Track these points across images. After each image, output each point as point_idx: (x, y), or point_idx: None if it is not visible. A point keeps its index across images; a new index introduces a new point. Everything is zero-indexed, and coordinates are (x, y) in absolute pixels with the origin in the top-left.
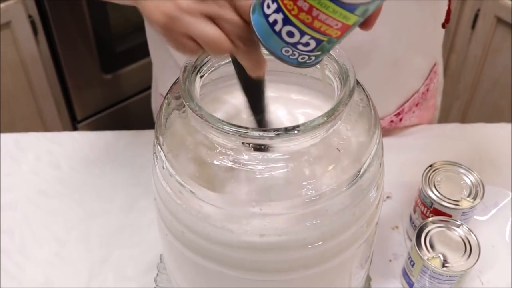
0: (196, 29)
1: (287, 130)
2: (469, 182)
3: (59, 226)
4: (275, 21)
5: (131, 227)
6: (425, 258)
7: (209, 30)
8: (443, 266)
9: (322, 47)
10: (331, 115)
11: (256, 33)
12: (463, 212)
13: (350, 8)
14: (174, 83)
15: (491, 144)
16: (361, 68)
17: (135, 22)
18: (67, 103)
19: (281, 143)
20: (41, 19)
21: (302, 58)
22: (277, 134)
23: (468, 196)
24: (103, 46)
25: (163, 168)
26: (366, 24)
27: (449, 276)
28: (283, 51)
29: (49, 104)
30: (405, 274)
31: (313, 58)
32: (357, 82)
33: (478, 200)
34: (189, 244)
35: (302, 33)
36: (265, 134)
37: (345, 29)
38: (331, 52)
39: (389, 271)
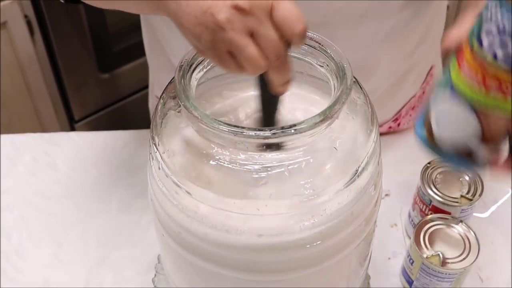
0: (237, 47)
1: (283, 129)
2: (467, 179)
3: (57, 227)
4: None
5: (129, 228)
6: (424, 256)
7: (250, 50)
8: (443, 263)
9: None
10: (327, 114)
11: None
12: (462, 209)
13: None
14: (170, 82)
15: None
16: (363, 83)
17: (131, 21)
18: (64, 103)
19: (278, 142)
20: (37, 19)
21: None
22: (273, 134)
23: (467, 193)
24: (100, 46)
25: (159, 168)
26: None
27: (449, 274)
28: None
29: (46, 104)
30: (404, 272)
31: None
32: (355, 80)
33: (477, 197)
34: (186, 245)
35: None
36: (261, 133)
37: None
38: (327, 50)
39: (388, 269)
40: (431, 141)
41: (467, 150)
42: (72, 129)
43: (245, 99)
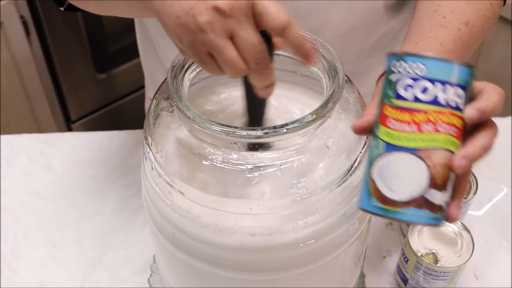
0: (216, 49)
1: (275, 128)
2: None
3: (53, 228)
4: None
5: (124, 228)
6: (419, 254)
7: (228, 53)
8: (437, 262)
9: None
10: (319, 113)
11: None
12: None
13: None
14: (162, 83)
15: None
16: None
17: (128, 22)
18: (61, 103)
19: (270, 141)
20: (33, 19)
21: None
22: (266, 133)
23: None
24: (96, 46)
25: (152, 168)
26: None
27: (443, 272)
28: None
29: (42, 105)
30: (399, 271)
31: None
32: (347, 79)
33: (471, 195)
34: (180, 245)
35: None
36: (253, 133)
37: None
38: (319, 49)
39: (383, 268)
40: (385, 205)
41: (424, 200)
42: (69, 129)
43: (240, 98)
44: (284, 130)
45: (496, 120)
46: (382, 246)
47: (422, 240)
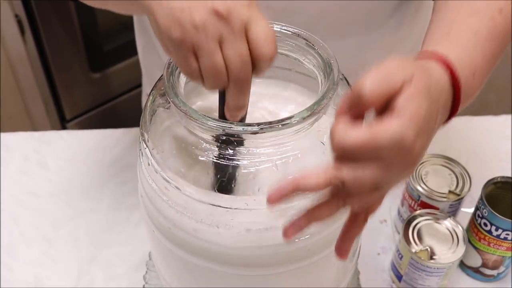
0: (204, 51)
1: (271, 124)
2: (455, 175)
3: (48, 226)
4: None
5: (119, 225)
6: (413, 250)
7: (214, 58)
8: (431, 258)
9: None
10: (314, 109)
11: None
12: (450, 205)
13: None
14: (159, 79)
15: (477, 137)
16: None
17: (123, 21)
18: (56, 102)
19: (265, 137)
20: (28, 19)
21: None
22: (261, 128)
23: (455, 188)
24: (91, 45)
25: (149, 164)
26: None
27: (437, 268)
28: None
29: (37, 104)
30: (393, 267)
31: None
32: (342, 76)
33: (465, 192)
34: (176, 240)
35: None
36: (249, 128)
37: None
38: (314, 46)
39: (377, 265)
40: None
41: None
42: (63, 128)
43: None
44: (280, 126)
45: (491, 118)
46: (376, 243)
47: (416, 236)
